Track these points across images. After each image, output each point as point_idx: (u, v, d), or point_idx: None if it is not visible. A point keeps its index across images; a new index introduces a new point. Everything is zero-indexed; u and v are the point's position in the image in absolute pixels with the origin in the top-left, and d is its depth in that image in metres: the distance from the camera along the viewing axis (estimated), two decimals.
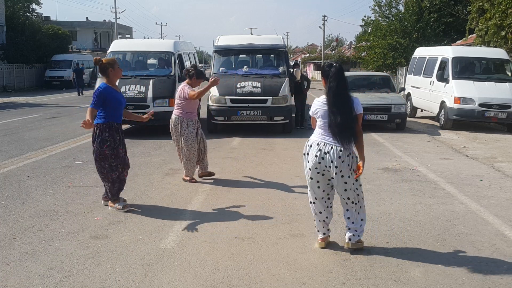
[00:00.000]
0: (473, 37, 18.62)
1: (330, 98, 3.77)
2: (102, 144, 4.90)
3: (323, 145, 3.82)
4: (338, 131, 3.71)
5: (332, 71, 3.76)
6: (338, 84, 3.74)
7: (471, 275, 3.62)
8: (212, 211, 5.15)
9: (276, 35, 12.87)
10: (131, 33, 56.74)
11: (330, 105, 3.76)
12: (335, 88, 3.74)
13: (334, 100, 3.75)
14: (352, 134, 3.75)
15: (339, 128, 3.70)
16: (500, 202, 5.62)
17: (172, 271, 3.64)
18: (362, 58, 31.71)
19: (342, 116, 3.71)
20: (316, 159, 3.84)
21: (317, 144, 3.85)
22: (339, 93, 3.75)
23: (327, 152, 3.80)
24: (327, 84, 3.80)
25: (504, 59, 12.51)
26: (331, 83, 3.75)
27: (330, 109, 3.75)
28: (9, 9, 29.56)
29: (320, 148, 3.83)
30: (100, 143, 4.90)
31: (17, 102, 19.64)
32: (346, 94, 3.78)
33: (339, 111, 3.72)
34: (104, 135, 4.90)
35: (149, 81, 10.35)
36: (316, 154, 3.84)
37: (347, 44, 66.89)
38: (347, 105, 3.76)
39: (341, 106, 3.73)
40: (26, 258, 3.84)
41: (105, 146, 4.90)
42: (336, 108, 3.73)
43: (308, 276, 3.57)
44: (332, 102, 3.75)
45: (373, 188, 6.13)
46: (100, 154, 4.93)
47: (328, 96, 3.78)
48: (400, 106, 11.24)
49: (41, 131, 10.94)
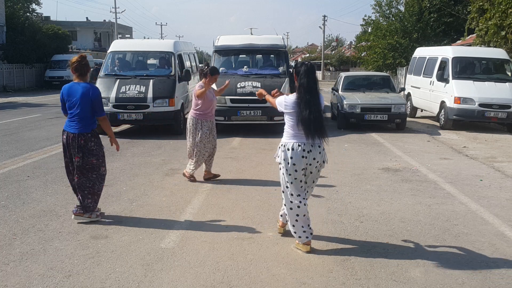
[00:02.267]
0: (473, 37, 18.62)
1: (302, 94, 3.96)
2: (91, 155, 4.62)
3: (304, 145, 3.96)
4: (312, 126, 3.89)
5: (303, 68, 3.98)
6: (308, 80, 3.95)
7: (471, 275, 3.62)
8: (212, 211, 5.15)
9: (276, 35, 12.87)
10: (131, 33, 56.74)
11: (302, 100, 3.94)
12: (306, 84, 3.94)
13: (306, 95, 3.94)
14: (324, 127, 3.99)
15: (312, 122, 3.89)
16: (500, 202, 5.62)
17: (172, 271, 3.64)
18: (362, 58, 31.74)
19: (314, 110, 3.91)
20: (304, 159, 3.95)
21: (299, 145, 3.96)
22: (310, 89, 3.95)
23: (309, 151, 3.97)
24: (299, 80, 4.00)
25: (504, 59, 12.51)
26: (302, 79, 3.96)
27: (303, 105, 3.93)
28: (9, 9, 29.55)
29: (304, 149, 3.96)
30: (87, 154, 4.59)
31: (17, 102, 19.64)
32: (316, 90, 3.99)
33: (311, 106, 3.92)
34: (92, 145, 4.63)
35: (149, 81, 10.35)
36: (302, 155, 3.95)
37: (347, 44, 66.93)
38: (317, 100, 3.98)
39: (312, 101, 3.94)
40: (26, 258, 3.84)
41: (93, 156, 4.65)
42: (307, 103, 3.92)
43: (308, 276, 3.57)
44: (304, 97, 3.95)
45: (373, 188, 6.13)
46: (87, 165, 4.60)
47: (300, 92, 3.98)
48: (400, 106, 11.24)
49: (41, 131, 10.94)
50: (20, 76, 28.66)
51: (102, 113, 4.64)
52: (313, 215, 5.01)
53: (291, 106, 4.00)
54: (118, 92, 10.09)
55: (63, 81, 29.23)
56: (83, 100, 4.48)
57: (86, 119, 4.54)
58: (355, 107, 11.21)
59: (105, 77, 10.72)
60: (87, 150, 4.56)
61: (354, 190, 6.02)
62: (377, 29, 26.70)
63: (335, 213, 5.10)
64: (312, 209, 5.21)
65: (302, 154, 3.94)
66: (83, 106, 4.49)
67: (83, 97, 4.48)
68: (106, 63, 11.19)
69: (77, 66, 4.53)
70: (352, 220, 4.86)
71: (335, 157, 8.19)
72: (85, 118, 4.53)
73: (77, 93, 4.49)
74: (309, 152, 3.96)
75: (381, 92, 12.16)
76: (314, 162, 3.99)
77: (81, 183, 4.62)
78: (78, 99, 4.49)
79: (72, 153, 4.57)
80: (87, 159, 4.57)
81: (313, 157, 3.97)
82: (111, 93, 10.09)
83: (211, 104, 6.22)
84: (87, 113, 4.52)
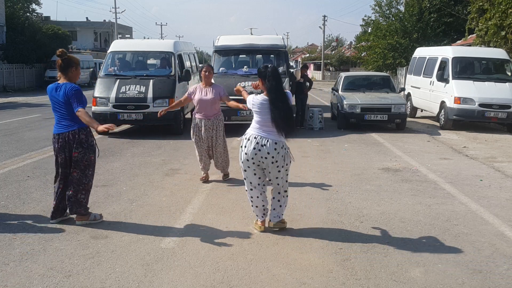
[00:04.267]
0: (473, 37, 18.62)
1: (272, 95, 4.21)
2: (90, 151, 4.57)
3: (260, 138, 4.23)
4: (284, 124, 4.16)
5: (269, 71, 4.23)
6: (276, 82, 4.21)
7: (471, 275, 3.62)
8: (212, 211, 5.15)
9: (276, 35, 12.86)
10: (131, 33, 56.76)
11: (273, 101, 4.19)
12: (275, 86, 4.21)
13: (276, 96, 4.20)
14: (292, 124, 4.28)
15: (284, 121, 4.15)
16: (500, 202, 5.62)
17: (172, 271, 3.64)
18: (362, 58, 31.73)
19: (284, 110, 4.18)
20: (254, 151, 4.23)
21: (255, 138, 4.25)
22: (278, 90, 4.22)
23: (263, 145, 4.21)
24: (266, 83, 4.24)
25: (504, 59, 12.51)
26: (270, 82, 4.21)
27: (274, 105, 4.17)
28: (9, 9, 29.55)
29: (258, 141, 4.23)
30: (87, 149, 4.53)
31: (17, 102, 19.64)
32: (283, 91, 4.28)
33: (281, 106, 4.18)
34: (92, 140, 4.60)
35: (149, 81, 10.35)
36: (254, 146, 4.23)
37: (347, 44, 66.91)
38: (286, 100, 4.27)
39: (282, 102, 4.20)
40: (26, 258, 3.84)
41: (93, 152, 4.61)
42: (278, 104, 4.17)
43: (308, 276, 3.56)
44: (274, 98, 4.20)
45: (373, 188, 6.13)
46: (86, 161, 4.54)
47: (270, 94, 4.22)
48: (400, 106, 11.24)
49: (41, 131, 10.94)
50: (20, 76, 28.67)
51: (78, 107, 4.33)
52: (313, 215, 5.02)
53: (258, 106, 4.27)
54: (118, 92, 10.09)
55: None
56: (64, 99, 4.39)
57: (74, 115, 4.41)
58: (355, 107, 11.21)
59: (105, 77, 10.72)
60: (87, 145, 4.52)
61: (354, 190, 6.02)
62: (377, 29, 26.70)
63: (335, 213, 5.10)
64: (312, 209, 5.22)
65: (254, 146, 4.22)
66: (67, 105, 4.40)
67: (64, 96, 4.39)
68: (106, 63, 11.20)
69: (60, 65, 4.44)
70: (352, 220, 4.86)
71: (335, 157, 8.20)
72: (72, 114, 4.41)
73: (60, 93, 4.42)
74: (262, 146, 4.20)
75: (381, 92, 12.16)
76: (269, 158, 4.21)
77: (78, 178, 4.54)
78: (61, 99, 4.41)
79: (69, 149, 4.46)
80: (88, 155, 4.53)
81: (267, 152, 4.20)
82: (111, 93, 10.09)
83: (200, 102, 6.11)
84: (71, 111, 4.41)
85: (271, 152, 4.20)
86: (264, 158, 4.23)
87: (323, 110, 12.43)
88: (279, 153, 4.23)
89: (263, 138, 4.22)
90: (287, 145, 4.35)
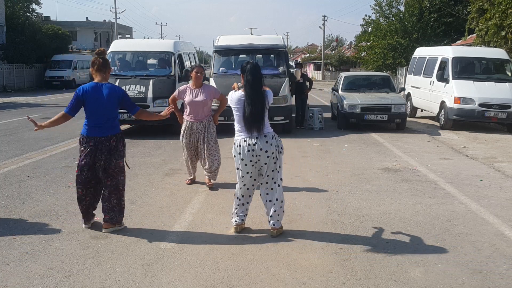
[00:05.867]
0: (473, 37, 18.62)
1: (246, 90, 4.18)
2: (123, 155, 4.46)
3: (249, 139, 4.19)
4: (251, 120, 4.12)
5: (248, 67, 4.20)
6: (253, 78, 4.16)
7: (471, 275, 3.62)
8: (212, 211, 5.15)
9: (276, 35, 12.85)
10: (131, 33, 56.75)
11: (247, 97, 4.16)
12: (251, 82, 4.16)
13: (250, 92, 4.16)
14: (261, 123, 4.16)
15: (252, 117, 4.12)
16: (500, 202, 5.62)
17: (172, 271, 3.64)
18: (362, 58, 31.70)
19: (255, 107, 4.13)
20: (249, 153, 4.20)
21: (244, 141, 4.21)
22: (253, 87, 4.16)
23: (255, 144, 4.17)
24: (244, 78, 4.20)
25: (504, 59, 12.51)
26: (247, 77, 4.17)
27: (246, 101, 4.15)
28: (9, 9, 29.55)
29: (249, 143, 4.19)
30: (124, 155, 4.46)
31: (17, 102, 19.64)
32: (260, 88, 4.19)
33: (253, 102, 4.13)
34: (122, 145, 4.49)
35: (149, 81, 10.35)
36: (248, 149, 4.19)
37: (347, 44, 66.91)
38: (261, 98, 4.18)
39: (256, 98, 4.15)
40: (26, 258, 3.84)
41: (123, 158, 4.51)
42: (251, 100, 4.14)
43: (308, 276, 3.56)
44: (248, 94, 4.16)
45: (373, 188, 6.13)
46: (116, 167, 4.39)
47: (245, 88, 4.19)
48: (400, 106, 11.24)
49: (41, 131, 10.86)
50: (20, 76, 28.67)
51: (136, 108, 4.43)
52: (313, 215, 5.02)
53: (235, 102, 4.26)
54: None
55: (63, 81, 29.28)
56: (110, 101, 4.25)
57: (114, 119, 4.36)
58: (355, 107, 11.21)
59: None
60: (116, 152, 4.35)
61: (354, 190, 6.02)
62: (377, 29, 26.69)
63: (335, 213, 5.10)
64: (312, 209, 5.22)
65: (248, 148, 4.18)
66: (111, 107, 4.27)
67: (110, 97, 4.25)
68: None
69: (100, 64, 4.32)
70: (352, 220, 4.86)
71: (335, 157, 8.20)
72: (113, 118, 4.34)
73: (103, 94, 4.25)
74: (254, 145, 4.17)
75: (381, 92, 12.16)
76: (263, 153, 4.17)
77: (115, 186, 4.38)
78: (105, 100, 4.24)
79: (110, 153, 4.30)
80: (116, 161, 4.36)
81: (260, 148, 4.16)
82: None
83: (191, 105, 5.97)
84: (115, 113, 4.35)
85: (264, 147, 4.17)
86: (259, 156, 4.19)
87: (323, 110, 12.44)
88: (271, 144, 4.20)
89: (252, 138, 4.18)
90: (275, 134, 4.31)
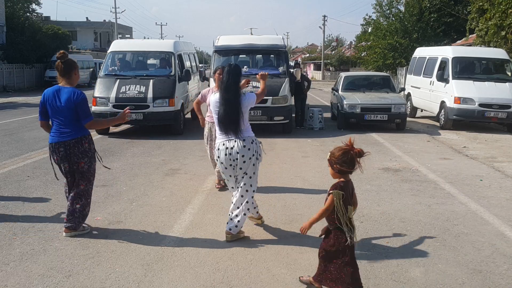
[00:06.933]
0: (473, 37, 18.62)
1: (221, 91, 4.18)
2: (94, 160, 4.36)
3: (228, 142, 4.16)
4: (225, 122, 4.10)
5: (227, 68, 4.19)
6: (228, 79, 4.12)
7: (471, 275, 3.62)
8: (212, 211, 5.15)
9: (276, 35, 12.86)
10: (131, 33, 56.77)
11: (220, 97, 4.17)
12: (225, 82, 4.13)
13: (224, 93, 4.14)
14: (237, 124, 4.10)
15: (225, 118, 4.09)
16: (500, 202, 5.62)
17: (172, 271, 3.64)
18: (362, 58, 31.71)
19: (229, 108, 4.09)
20: (226, 157, 4.16)
21: (223, 145, 4.18)
22: (228, 88, 4.12)
23: (232, 147, 4.14)
24: (222, 79, 4.21)
25: (504, 59, 12.51)
26: (224, 77, 4.16)
27: (220, 101, 4.16)
28: (9, 9, 29.54)
29: (227, 146, 4.16)
30: (91, 158, 4.32)
31: (17, 102, 19.65)
32: (236, 90, 4.14)
33: (226, 103, 4.10)
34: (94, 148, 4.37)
35: (149, 81, 10.35)
36: (226, 153, 4.16)
37: (347, 44, 66.88)
38: (235, 99, 4.13)
39: (229, 99, 4.10)
40: (26, 258, 3.84)
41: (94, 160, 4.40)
42: (224, 101, 4.12)
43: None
44: (222, 95, 4.15)
45: (373, 188, 6.13)
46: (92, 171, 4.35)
47: (220, 89, 4.21)
48: (400, 106, 11.23)
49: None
50: (20, 76, 28.65)
51: (88, 118, 4.15)
52: (313, 215, 5.00)
53: (213, 104, 4.29)
54: (118, 92, 10.10)
55: None
56: (66, 105, 4.09)
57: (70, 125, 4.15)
58: (355, 107, 11.21)
59: (105, 77, 10.73)
60: (91, 154, 4.28)
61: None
62: (377, 29, 26.71)
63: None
64: (312, 209, 5.22)
65: (225, 152, 4.15)
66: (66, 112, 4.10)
67: (66, 102, 4.09)
68: (106, 63, 11.20)
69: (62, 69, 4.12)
70: None
71: None
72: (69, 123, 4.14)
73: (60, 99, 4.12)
74: (232, 148, 4.13)
75: (381, 92, 12.16)
76: (240, 157, 4.12)
77: (87, 190, 4.33)
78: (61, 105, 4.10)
79: (72, 159, 4.18)
80: (93, 165, 4.32)
81: (236, 152, 4.12)
82: (111, 93, 10.10)
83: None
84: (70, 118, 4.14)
85: (241, 151, 4.11)
86: (235, 160, 4.12)
87: (323, 110, 12.44)
88: (249, 149, 4.13)
89: (230, 141, 4.13)
90: (256, 139, 4.25)
